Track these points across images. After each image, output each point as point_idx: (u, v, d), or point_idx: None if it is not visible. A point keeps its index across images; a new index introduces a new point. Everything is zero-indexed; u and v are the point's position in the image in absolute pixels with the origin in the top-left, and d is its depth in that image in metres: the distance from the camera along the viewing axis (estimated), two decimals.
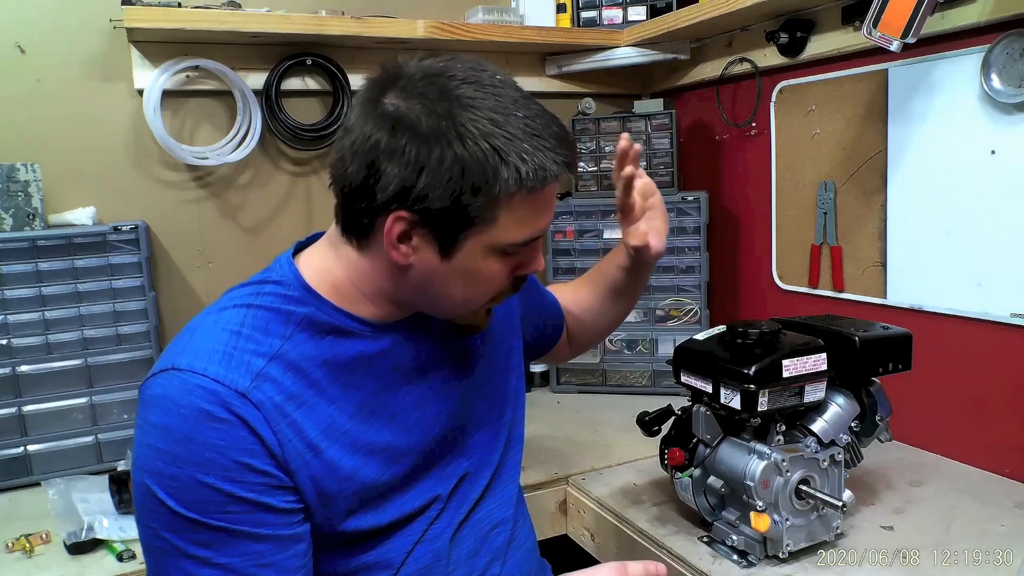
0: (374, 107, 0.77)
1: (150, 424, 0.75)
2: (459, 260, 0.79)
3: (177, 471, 0.72)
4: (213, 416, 0.73)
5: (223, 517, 0.73)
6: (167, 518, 0.73)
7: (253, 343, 0.78)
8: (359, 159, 0.76)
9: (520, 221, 0.79)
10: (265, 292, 0.83)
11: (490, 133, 0.74)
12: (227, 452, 0.73)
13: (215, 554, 0.73)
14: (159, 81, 1.60)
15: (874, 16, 1.24)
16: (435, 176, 0.74)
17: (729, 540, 1.09)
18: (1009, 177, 1.27)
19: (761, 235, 1.80)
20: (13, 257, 1.44)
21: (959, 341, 1.38)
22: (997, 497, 1.25)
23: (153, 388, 0.77)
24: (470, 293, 0.84)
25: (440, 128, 0.73)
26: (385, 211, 0.77)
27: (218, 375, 0.75)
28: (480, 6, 1.82)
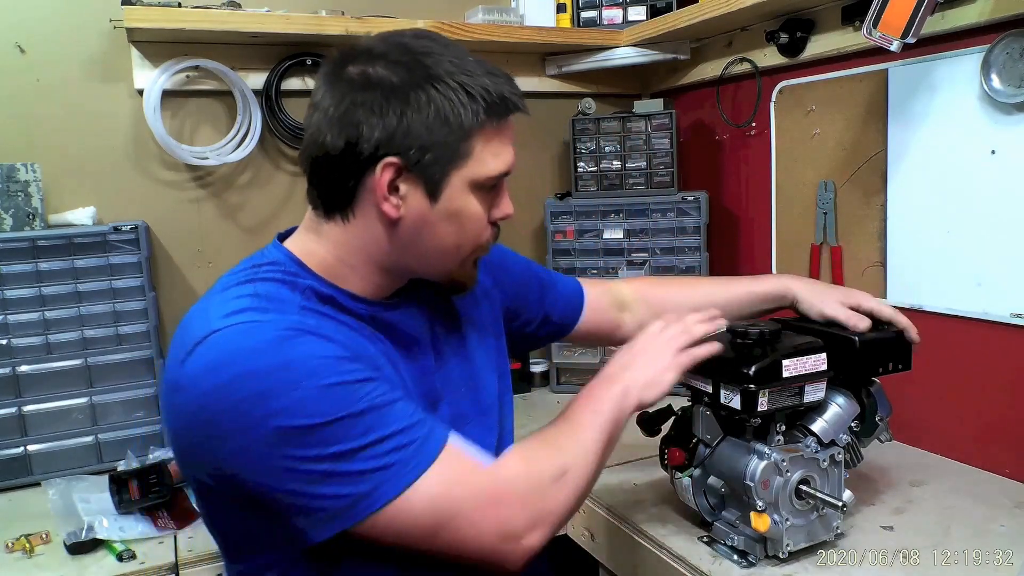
0: (339, 78, 0.82)
1: (232, 380, 0.73)
2: (445, 201, 0.84)
3: (298, 392, 0.73)
4: (293, 336, 0.75)
5: (363, 399, 0.75)
6: (321, 435, 0.73)
7: (275, 303, 0.80)
8: (337, 125, 0.81)
9: (493, 152, 0.85)
10: (262, 271, 0.85)
11: (453, 72, 0.81)
12: (325, 353, 0.76)
13: (381, 429, 0.75)
14: (159, 81, 1.60)
15: (874, 16, 1.24)
16: (415, 117, 0.80)
17: (729, 540, 1.09)
18: (1009, 177, 1.27)
19: (761, 235, 1.80)
20: (13, 257, 1.44)
21: (959, 341, 1.38)
22: (997, 497, 1.25)
23: (204, 356, 0.75)
24: (459, 237, 0.87)
25: (408, 77, 0.80)
26: (372, 164, 0.81)
27: (267, 319, 0.77)
28: (480, 6, 1.82)
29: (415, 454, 0.76)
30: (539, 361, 2.01)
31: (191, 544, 1.23)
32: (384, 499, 0.75)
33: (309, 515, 0.75)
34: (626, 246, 1.87)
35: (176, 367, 0.77)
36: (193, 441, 0.77)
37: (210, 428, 0.74)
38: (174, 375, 0.77)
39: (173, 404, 0.78)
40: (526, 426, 1.70)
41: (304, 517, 0.76)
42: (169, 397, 0.78)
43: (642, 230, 1.86)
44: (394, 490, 0.75)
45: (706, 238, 1.83)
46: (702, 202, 1.82)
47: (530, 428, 1.66)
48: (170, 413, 0.79)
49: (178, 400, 0.76)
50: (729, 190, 1.92)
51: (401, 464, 0.75)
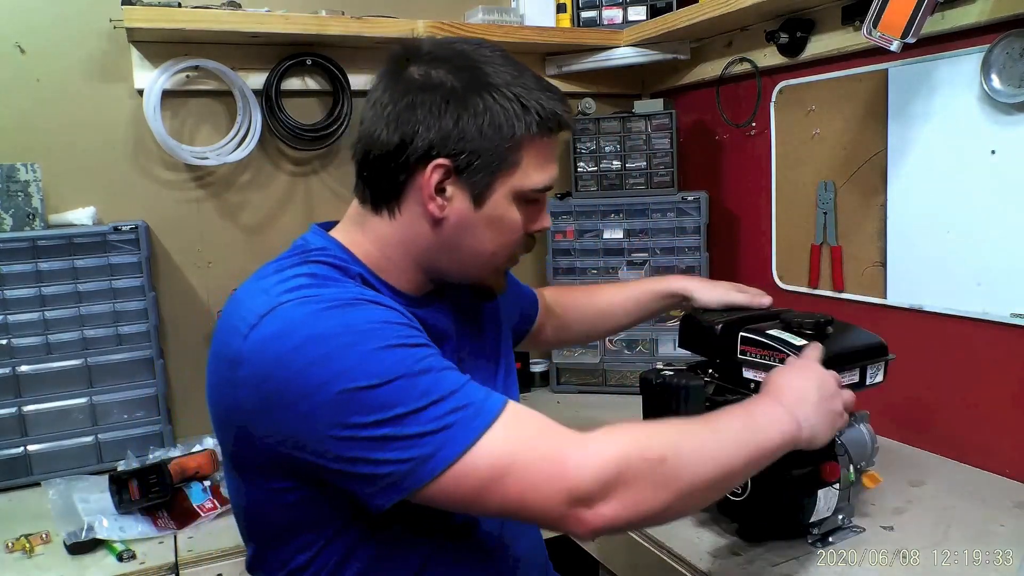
0: (399, 77, 0.85)
1: (296, 347, 0.73)
2: (489, 207, 0.87)
3: (360, 355, 0.73)
4: (355, 304, 0.77)
5: (422, 361, 0.76)
6: (381, 397, 0.73)
7: (333, 283, 0.82)
8: (394, 122, 0.84)
9: (538, 166, 0.88)
10: (312, 257, 0.86)
11: (510, 83, 0.85)
12: (386, 318, 0.78)
13: (439, 391, 0.75)
14: (159, 81, 1.60)
15: (874, 16, 1.24)
16: (470, 122, 0.83)
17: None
18: (1009, 177, 1.27)
19: (761, 235, 1.80)
20: (13, 257, 1.44)
21: (959, 341, 1.38)
22: (997, 497, 1.25)
23: (270, 327, 0.75)
24: (497, 244, 0.90)
25: (467, 83, 0.84)
26: (423, 163, 0.84)
27: (330, 295, 0.78)
28: (480, 6, 1.82)
29: (475, 414, 0.75)
30: (539, 361, 2.01)
31: (191, 544, 1.23)
32: (445, 462, 0.73)
33: (372, 482, 0.74)
34: (626, 246, 1.87)
35: (238, 341, 0.77)
36: (256, 413, 0.77)
37: (276, 396, 0.74)
38: (236, 349, 0.77)
39: (234, 378, 0.77)
40: None
41: (366, 484, 0.75)
42: (229, 372, 0.78)
43: (642, 230, 1.86)
44: (455, 451, 0.73)
45: (706, 238, 1.83)
46: (702, 202, 1.82)
47: None
48: (229, 389, 0.78)
49: (241, 373, 0.76)
50: (729, 190, 1.92)
51: (462, 424, 0.74)
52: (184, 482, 1.35)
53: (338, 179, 1.85)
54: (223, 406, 0.81)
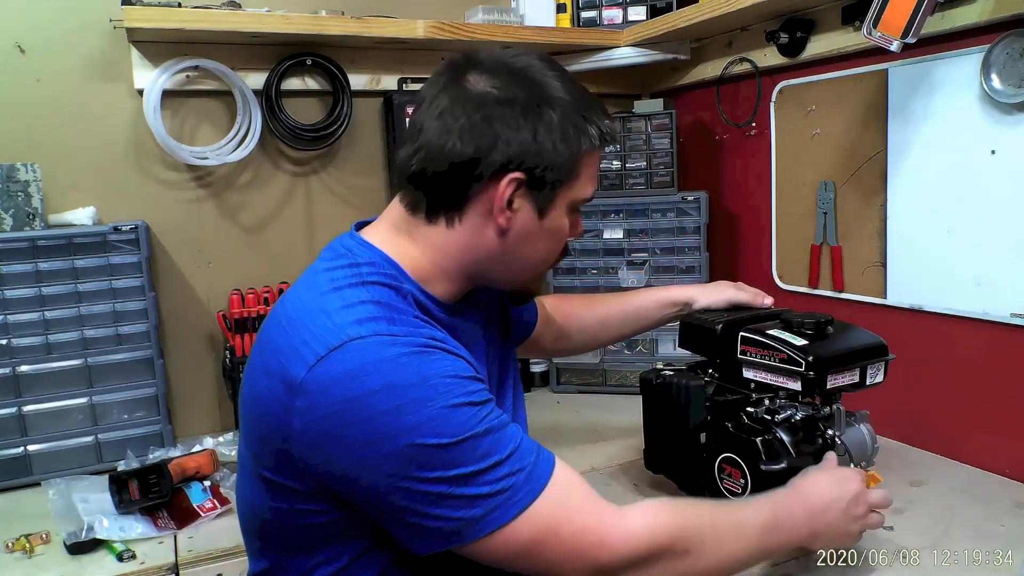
0: (466, 89, 0.85)
1: (369, 393, 0.73)
2: (550, 218, 0.89)
3: (431, 411, 0.74)
4: (426, 353, 0.78)
5: (483, 421, 0.77)
6: (445, 456, 0.74)
7: (396, 311, 0.82)
8: (468, 133, 0.83)
9: (590, 178, 0.92)
10: (365, 272, 0.85)
11: (573, 99, 0.87)
12: (456, 373, 0.78)
13: (498, 453, 0.77)
14: (159, 81, 1.60)
15: (874, 16, 1.24)
16: (545, 136, 0.84)
17: None
18: (1009, 177, 1.27)
19: (761, 235, 1.80)
20: (13, 257, 1.44)
21: (959, 341, 1.38)
22: (997, 497, 1.25)
23: (342, 364, 0.74)
24: (548, 252, 0.93)
25: (537, 98, 0.85)
26: (497, 176, 0.84)
27: (401, 332, 0.78)
28: (480, 6, 1.82)
29: (526, 480, 0.78)
30: (539, 361, 2.01)
31: (191, 544, 1.23)
32: (495, 524, 0.76)
33: (418, 531, 0.77)
34: (626, 246, 1.87)
35: (301, 368, 0.75)
36: (309, 446, 0.76)
37: (338, 436, 0.74)
38: (297, 376, 0.75)
39: (291, 406, 0.76)
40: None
41: (412, 532, 0.77)
42: (284, 396, 0.76)
43: (642, 230, 1.86)
44: (504, 517, 0.76)
45: (706, 238, 1.83)
46: (702, 202, 1.82)
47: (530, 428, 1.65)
48: (283, 414, 0.77)
49: (301, 404, 0.75)
50: (729, 190, 1.92)
51: (514, 490, 0.77)
52: (184, 482, 1.35)
53: (338, 179, 1.85)
54: (269, 424, 0.79)
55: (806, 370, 1.06)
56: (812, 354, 1.06)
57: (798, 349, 1.07)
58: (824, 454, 1.07)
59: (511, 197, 0.85)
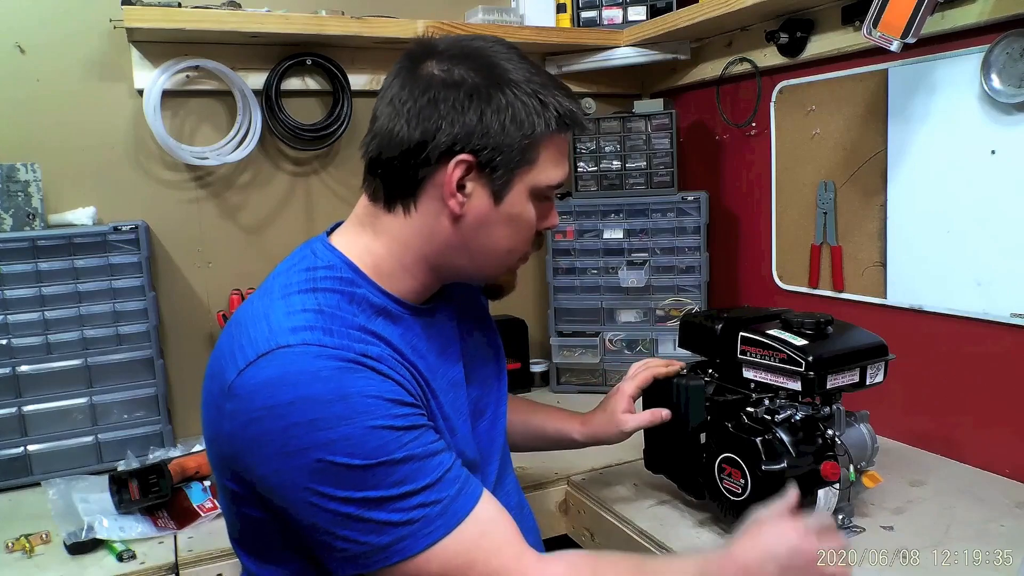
0: (417, 74, 0.85)
1: (287, 403, 0.73)
2: (507, 204, 0.87)
3: (347, 429, 0.73)
4: (354, 369, 0.76)
5: (403, 447, 0.75)
6: (356, 477, 0.73)
7: (339, 321, 0.80)
8: (415, 118, 0.83)
9: (554, 162, 0.89)
10: (320, 277, 0.85)
11: (529, 80, 0.85)
12: (381, 394, 0.76)
13: (413, 483, 0.75)
14: (159, 81, 1.60)
15: (874, 16, 1.24)
16: (493, 118, 0.83)
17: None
18: (1009, 177, 1.27)
19: (761, 235, 1.80)
20: (13, 257, 1.44)
21: (959, 341, 1.38)
22: (997, 497, 1.25)
23: (266, 371, 0.74)
24: (512, 241, 0.90)
25: (487, 80, 0.83)
26: (445, 159, 0.83)
27: (333, 343, 0.76)
28: (480, 6, 1.82)
29: (441, 513, 0.76)
30: (539, 361, 2.01)
31: (191, 544, 1.23)
32: (402, 555, 0.75)
33: (327, 550, 0.76)
34: (626, 246, 1.87)
35: (232, 372, 0.76)
36: (234, 450, 0.77)
37: (254, 444, 0.75)
38: (230, 380, 0.76)
39: (222, 409, 0.77)
40: None
41: (323, 550, 0.77)
42: (219, 399, 0.78)
43: (642, 230, 1.86)
44: (413, 548, 0.75)
45: (706, 238, 1.83)
46: (702, 202, 1.82)
47: None
48: (216, 416, 0.79)
49: (229, 407, 0.76)
50: (729, 190, 1.92)
51: (425, 522, 0.75)
52: (184, 482, 1.35)
53: (338, 179, 1.85)
54: (209, 427, 0.82)
55: (806, 370, 1.06)
56: (812, 354, 1.06)
57: (798, 349, 1.07)
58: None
59: (461, 181, 0.84)
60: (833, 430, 1.11)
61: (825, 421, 1.11)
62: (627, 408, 1.21)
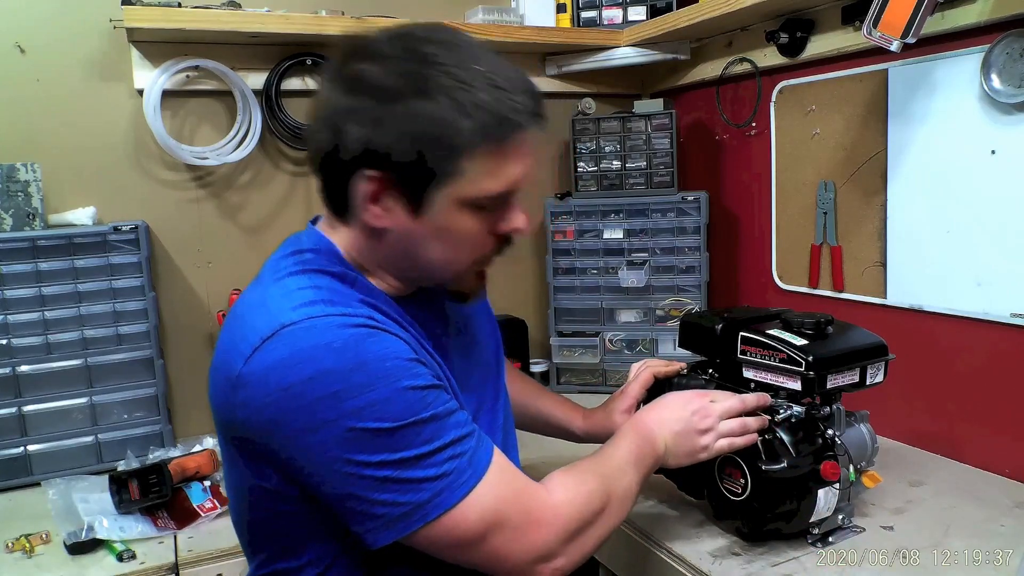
0: (335, 74, 0.81)
1: (304, 380, 0.72)
2: (431, 218, 0.81)
3: (372, 395, 0.73)
4: (367, 335, 0.75)
5: (428, 406, 0.76)
6: (388, 440, 0.73)
7: (337, 294, 0.79)
8: (327, 126, 0.80)
9: (489, 173, 0.80)
10: (308, 259, 0.84)
11: (448, 87, 0.76)
12: (399, 355, 0.76)
13: (441, 438, 0.76)
14: (159, 81, 1.60)
15: (874, 16, 1.24)
16: (396, 130, 0.76)
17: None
18: (1009, 177, 1.27)
19: (761, 235, 1.80)
20: (13, 257, 1.44)
21: (959, 341, 1.38)
22: (997, 497, 1.25)
23: (274, 353, 0.73)
24: (449, 254, 0.84)
25: (400, 84, 0.76)
26: (354, 172, 0.79)
27: (338, 311, 0.76)
28: (480, 6, 1.82)
29: (468, 465, 0.77)
30: (539, 361, 2.01)
31: (191, 544, 1.23)
32: (442, 508, 0.76)
33: (367, 520, 0.76)
34: (626, 246, 1.87)
35: (239, 362, 0.75)
36: (256, 438, 0.76)
37: (277, 427, 0.74)
38: (237, 370, 0.75)
39: (233, 399, 0.76)
40: None
41: (361, 521, 0.76)
42: (228, 394, 0.77)
43: (642, 230, 1.86)
44: (452, 499, 0.76)
45: (706, 238, 1.83)
46: (702, 202, 1.82)
47: None
48: (228, 409, 0.78)
49: (240, 397, 0.75)
50: (729, 190, 1.92)
51: (458, 473, 0.76)
52: (184, 482, 1.35)
53: None
54: (222, 419, 0.81)
55: (806, 370, 1.06)
56: (812, 354, 1.06)
57: (798, 349, 1.07)
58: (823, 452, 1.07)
59: (374, 194, 0.80)
60: (833, 430, 1.11)
61: (825, 421, 1.11)
62: (628, 408, 1.22)
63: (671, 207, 1.84)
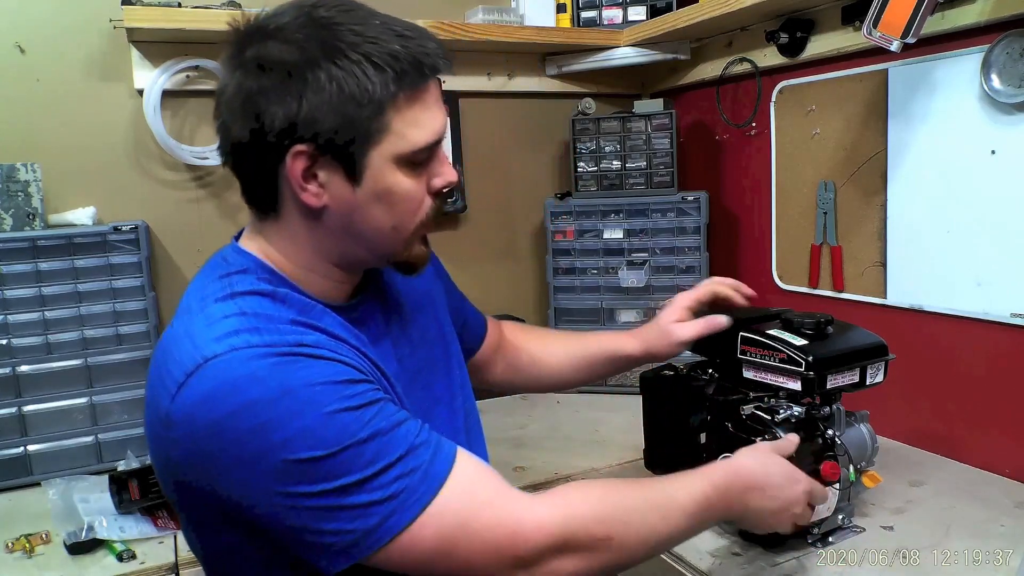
0: (237, 61, 0.78)
1: (230, 415, 0.68)
2: (370, 182, 0.78)
3: (301, 423, 0.68)
4: (292, 361, 0.71)
5: (366, 424, 0.71)
6: (326, 468, 0.69)
7: (264, 319, 0.74)
8: (239, 112, 0.76)
9: (414, 123, 0.78)
10: (235, 281, 0.79)
11: (356, 44, 0.74)
12: (328, 379, 0.71)
13: (386, 457, 0.71)
14: (159, 81, 1.60)
15: (874, 16, 1.24)
16: (317, 99, 0.74)
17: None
18: (1009, 177, 1.27)
19: (761, 235, 1.80)
20: (13, 257, 1.44)
21: (959, 341, 1.38)
22: (997, 497, 1.25)
23: (198, 388, 0.69)
24: (395, 217, 0.81)
25: (305, 54, 0.74)
26: (281, 154, 0.76)
27: (262, 341, 0.71)
28: (480, 6, 1.82)
29: (423, 479, 0.73)
30: None
31: None
32: (394, 531, 0.71)
33: (316, 550, 0.72)
34: (626, 246, 1.87)
35: (166, 400, 0.71)
36: (191, 477, 0.73)
37: (209, 464, 0.70)
38: (165, 409, 0.71)
39: (166, 439, 0.72)
40: (527, 426, 1.71)
41: (312, 552, 0.73)
42: (160, 431, 0.73)
43: (642, 230, 1.86)
44: (402, 522, 0.71)
45: (706, 238, 1.83)
46: (702, 202, 1.82)
47: (531, 428, 1.66)
48: (162, 448, 0.74)
49: (172, 435, 0.71)
50: (729, 190, 1.92)
51: (408, 492, 0.72)
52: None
53: None
54: (158, 460, 0.77)
55: (806, 370, 1.06)
56: (812, 354, 1.06)
57: (798, 349, 1.07)
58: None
59: (309, 171, 0.77)
60: (833, 430, 1.11)
61: (825, 421, 1.11)
62: (680, 318, 1.16)
63: (671, 207, 1.84)
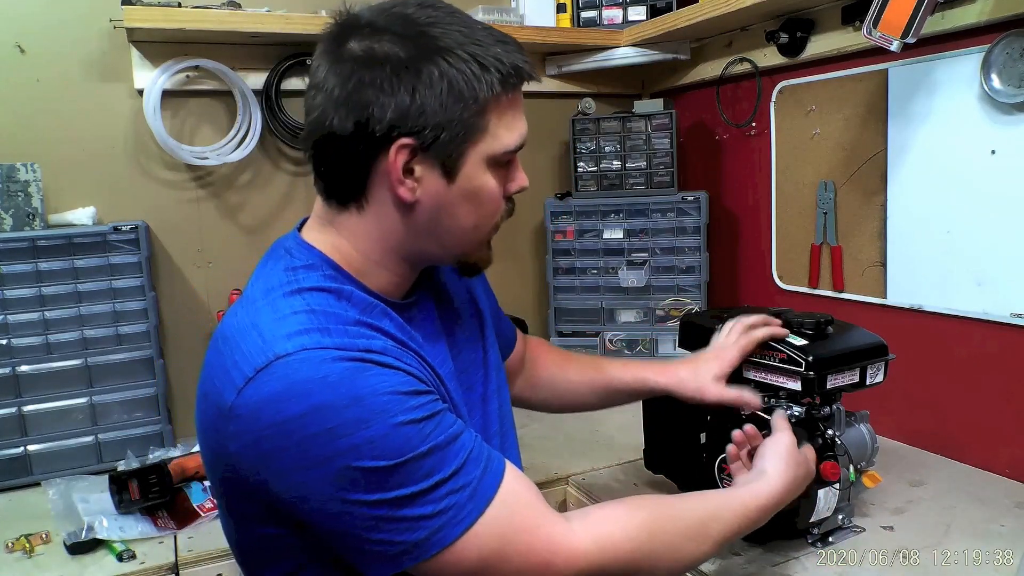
0: (341, 55, 0.78)
1: (298, 416, 0.69)
2: (463, 180, 0.81)
3: (368, 432, 0.69)
4: (362, 368, 0.72)
5: (427, 438, 0.72)
6: (384, 478, 0.70)
7: (333, 319, 0.76)
8: (344, 106, 0.77)
9: (507, 125, 0.82)
10: (302, 276, 0.81)
11: (463, 43, 0.78)
12: (395, 389, 0.72)
13: (440, 472, 0.73)
14: (159, 81, 1.60)
15: (874, 16, 1.24)
16: (428, 93, 0.76)
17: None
18: (1009, 177, 1.27)
19: (761, 235, 1.80)
20: (13, 257, 1.44)
21: (959, 341, 1.38)
22: (997, 497, 1.25)
23: (268, 386, 0.70)
24: (479, 217, 0.85)
25: (417, 50, 0.76)
26: (385, 146, 0.77)
27: (333, 343, 0.72)
28: (480, 6, 1.82)
29: (471, 497, 0.74)
30: None
31: (191, 544, 1.23)
32: (439, 546, 0.72)
33: (361, 555, 0.74)
34: (626, 246, 1.87)
35: (230, 392, 0.72)
36: (244, 471, 0.74)
37: (267, 461, 0.71)
38: (228, 400, 0.72)
39: (224, 431, 0.73)
40: (527, 426, 1.71)
41: (356, 556, 0.74)
42: (219, 423, 0.74)
43: (642, 230, 1.86)
44: (448, 538, 0.73)
45: (706, 238, 1.83)
46: (702, 202, 1.82)
47: (531, 428, 1.66)
48: (217, 438, 0.75)
49: (232, 429, 0.72)
50: (729, 190, 1.92)
51: (457, 509, 0.73)
52: (184, 482, 1.35)
53: None
54: (211, 450, 0.78)
55: (806, 370, 1.05)
56: (812, 354, 1.06)
57: (798, 349, 1.07)
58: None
59: (408, 165, 0.78)
60: (833, 430, 1.11)
61: (825, 421, 1.11)
62: (720, 375, 1.11)
63: (671, 207, 1.84)
